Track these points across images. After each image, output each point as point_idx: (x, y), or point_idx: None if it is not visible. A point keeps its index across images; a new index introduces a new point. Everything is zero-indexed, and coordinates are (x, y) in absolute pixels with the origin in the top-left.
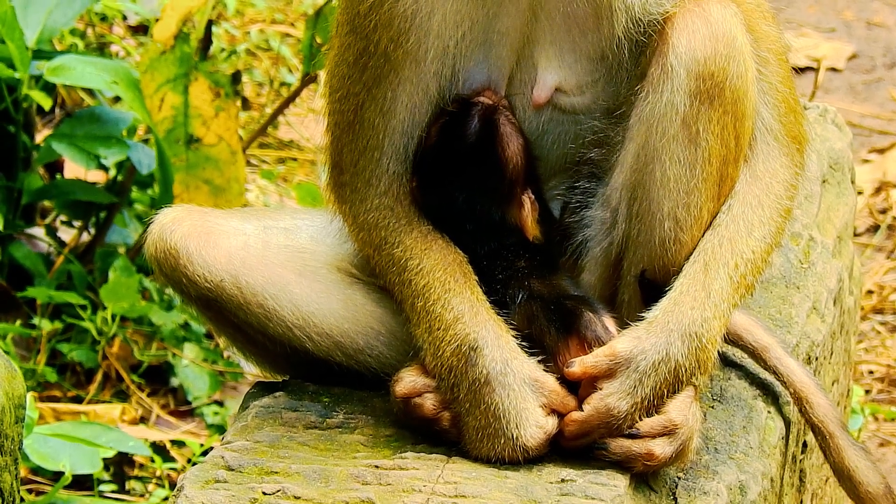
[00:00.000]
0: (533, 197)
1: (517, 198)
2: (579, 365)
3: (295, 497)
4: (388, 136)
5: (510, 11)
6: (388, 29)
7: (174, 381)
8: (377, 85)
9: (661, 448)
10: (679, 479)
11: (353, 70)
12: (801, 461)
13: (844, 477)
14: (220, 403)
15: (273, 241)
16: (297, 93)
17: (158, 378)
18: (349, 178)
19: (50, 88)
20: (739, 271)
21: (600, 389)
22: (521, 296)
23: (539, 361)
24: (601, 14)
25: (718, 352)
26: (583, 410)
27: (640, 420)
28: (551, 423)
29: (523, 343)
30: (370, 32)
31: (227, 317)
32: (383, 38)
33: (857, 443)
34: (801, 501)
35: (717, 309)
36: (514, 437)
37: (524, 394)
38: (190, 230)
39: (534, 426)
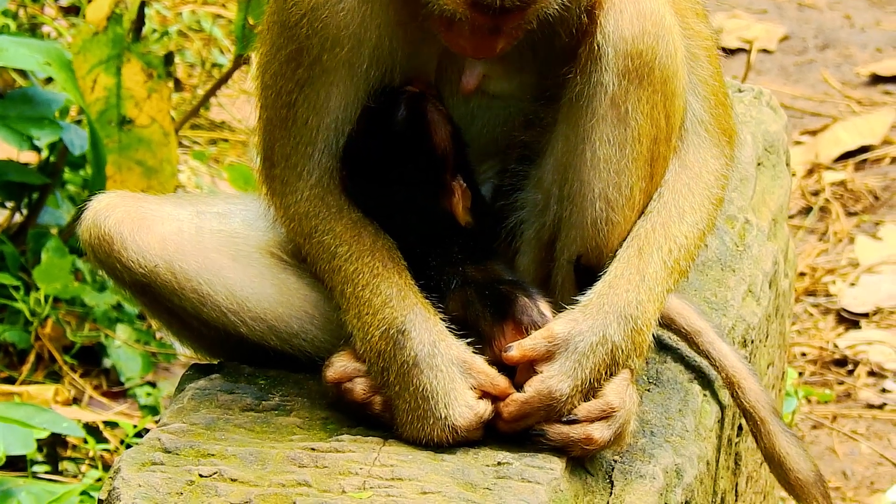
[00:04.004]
0: (464, 184)
1: (447, 185)
2: (517, 349)
3: (231, 479)
4: (322, 132)
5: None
6: (322, 39)
7: (107, 362)
8: (310, 84)
9: (599, 432)
10: (616, 462)
11: (285, 69)
12: (736, 444)
13: (775, 463)
14: (152, 384)
15: (207, 226)
16: (229, 74)
17: (91, 359)
18: (280, 171)
19: None
20: (673, 256)
21: (540, 373)
22: (455, 282)
23: (474, 346)
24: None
25: (653, 335)
26: (521, 392)
27: (579, 404)
28: (483, 406)
29: (452, 326)
30: (303, 39)
31: (162, 302)
32: (316, 45)
33: (789, 429)
34: (737, 484)
35: (651, 292)
36: (443, 416)
37: (452, 374)
38: (124, 216)
39: (463, 406)
